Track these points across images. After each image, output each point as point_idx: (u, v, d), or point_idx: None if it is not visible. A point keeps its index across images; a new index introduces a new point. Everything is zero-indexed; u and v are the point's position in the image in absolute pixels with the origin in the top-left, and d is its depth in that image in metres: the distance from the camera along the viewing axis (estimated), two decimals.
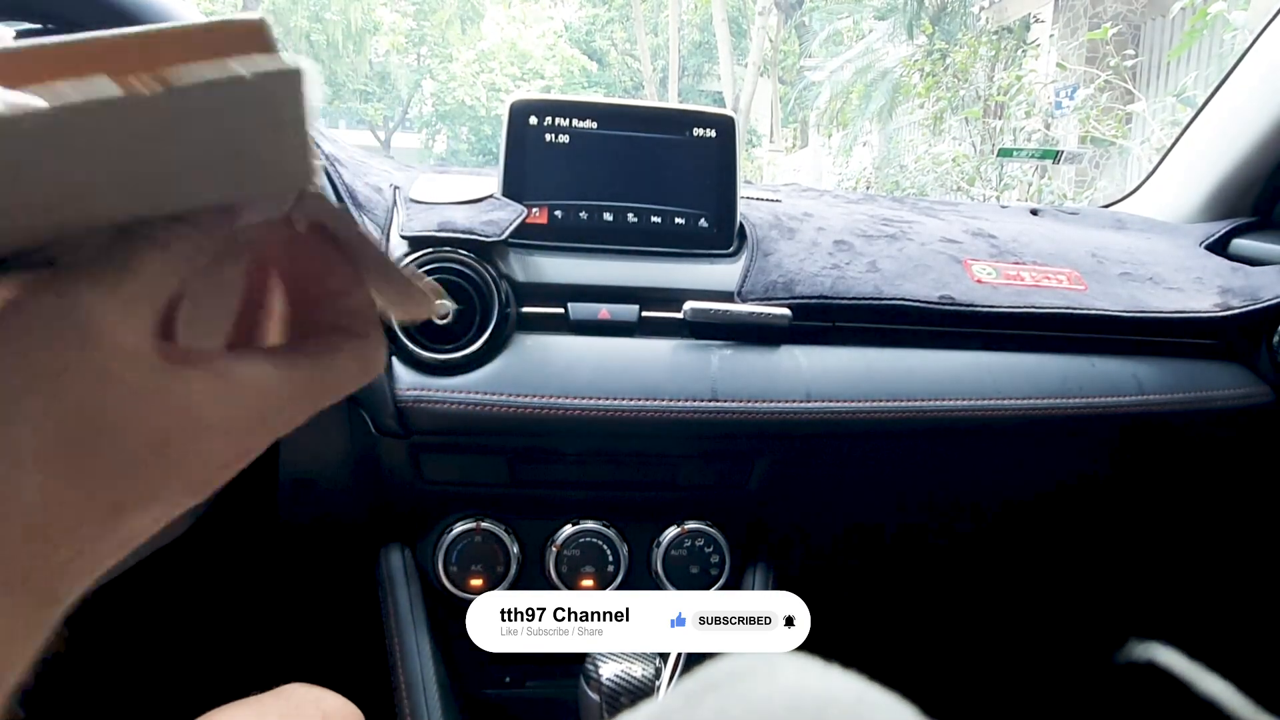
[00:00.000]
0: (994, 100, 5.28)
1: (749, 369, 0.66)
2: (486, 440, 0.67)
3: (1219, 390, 0.74)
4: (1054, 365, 0.72)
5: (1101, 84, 4.32)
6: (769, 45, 11.46)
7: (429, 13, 13.76)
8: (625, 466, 0.69)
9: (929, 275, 0.73)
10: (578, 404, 0.63)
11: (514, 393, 0.62)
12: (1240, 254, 0.90)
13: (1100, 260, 0.80)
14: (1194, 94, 3.16)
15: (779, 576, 0.72)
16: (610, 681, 0.59)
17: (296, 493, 0.69)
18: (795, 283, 0.70)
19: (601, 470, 0.69)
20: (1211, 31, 2.90)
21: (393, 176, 0.73)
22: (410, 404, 0.62)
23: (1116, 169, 4.53)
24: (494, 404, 0.62)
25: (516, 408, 0.62)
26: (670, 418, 0.63)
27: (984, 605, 0.87)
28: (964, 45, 5.68)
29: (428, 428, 0.64)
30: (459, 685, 0.69)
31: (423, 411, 0.62)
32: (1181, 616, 0.88)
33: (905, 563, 0.82)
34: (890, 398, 0.67)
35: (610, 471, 0.69)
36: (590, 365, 0.64)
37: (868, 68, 7.61)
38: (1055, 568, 0.85)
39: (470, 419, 0.62)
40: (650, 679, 0.60)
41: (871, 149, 8.27)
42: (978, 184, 4.79)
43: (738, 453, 0.69)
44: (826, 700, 0.21)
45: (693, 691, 0.22)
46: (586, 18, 15.13)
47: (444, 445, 0.67)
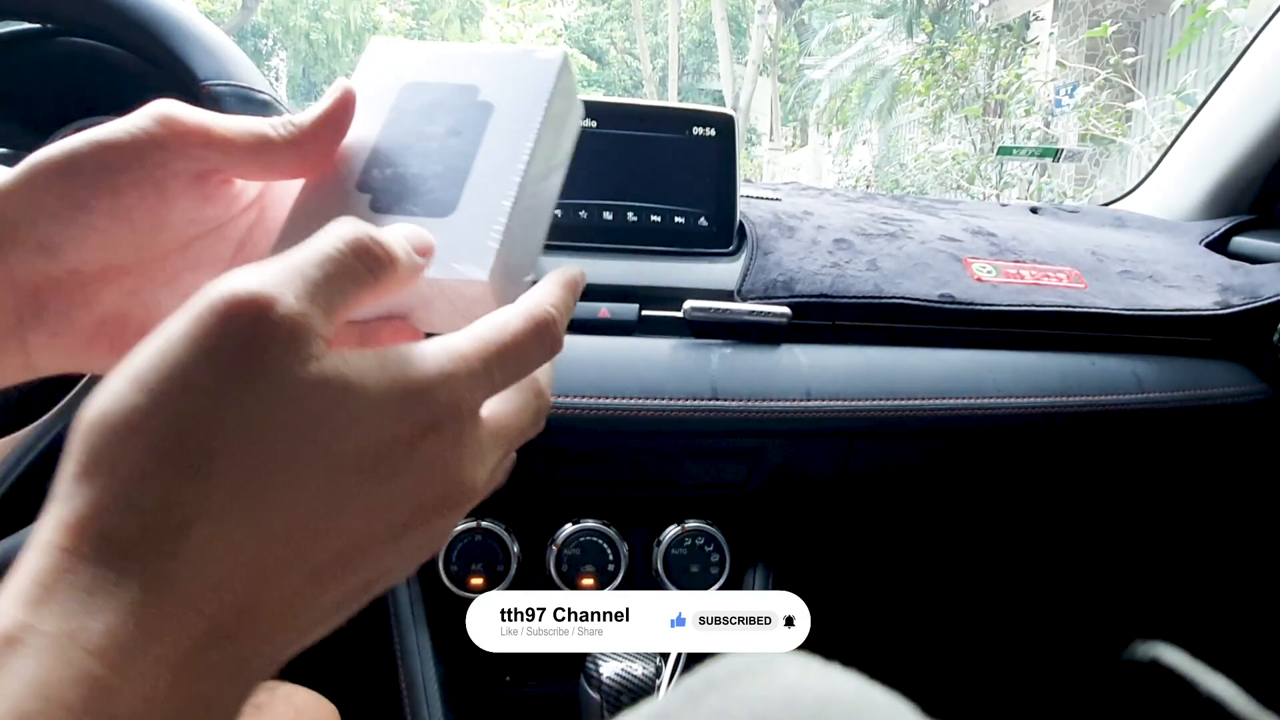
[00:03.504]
0: (994, 98, 5.28)
1: (749, 368, 0.66)
2: None
3: (1219, 388, 0.74)
4: (1054, 363, 0.72)
5: (1101, 82, 4.32)
6: (768, 44, 11.45)
7: (428, 12, 13.76)
8: (625, 465, 0.69)
9: (929, 274, 0.73)
10: (578, 403, 0.62)
11: None
12: (1240, 252, 0.90)
13: (1100, 258, 0.80)
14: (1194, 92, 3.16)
15: (779, 576, 0.72)
16: (611, 681, 0.59)
17: None
18: (795, 281, 0.70)
19: (601, 469, 0.69)
20: (1211, 29, 2.90)
21: None
22: None
23: (1116, 167, 4.52)
24: None
25: None
26: (670, 417, 0.63)
27: (985, 604, 0.87)
28: (964, 43, 5.68)
29: None
30: (459, 684, 0.69)
31: None
32: (1184, 615, 0.88)
33: (905, 562, 0.82)
34: (890, 396, 0.67)
35: (610, 470, 0.69)
36: (590, 364, 0.64)
37: (867, 66, 7.61)
38: (1056, 566, 0.85)
39: None
40: (651, 678, 0.60)
41: (871, 147, 8.27)
42: (977, 182, 4.79)
43: (738, 451, 0.69)
44: (826, 699, 0.21)
45: (693, 690, 0.22)
46: (586, 16, 15.12)
47: None
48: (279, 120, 0.28)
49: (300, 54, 12.90)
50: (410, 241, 0.26)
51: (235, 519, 0.20)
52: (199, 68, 0.53)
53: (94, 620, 0.18)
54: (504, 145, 0.30)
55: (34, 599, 0.18)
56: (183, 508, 0.19)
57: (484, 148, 0.30)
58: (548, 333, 0.26)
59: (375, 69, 0.33)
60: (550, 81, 0.32)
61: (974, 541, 0.81)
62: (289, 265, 0.22)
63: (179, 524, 0.19)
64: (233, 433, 0.20)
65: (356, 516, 0.22)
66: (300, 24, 12.48)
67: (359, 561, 0.22)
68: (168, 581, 0.19)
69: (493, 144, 0.30)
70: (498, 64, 0.33)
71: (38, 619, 0.18)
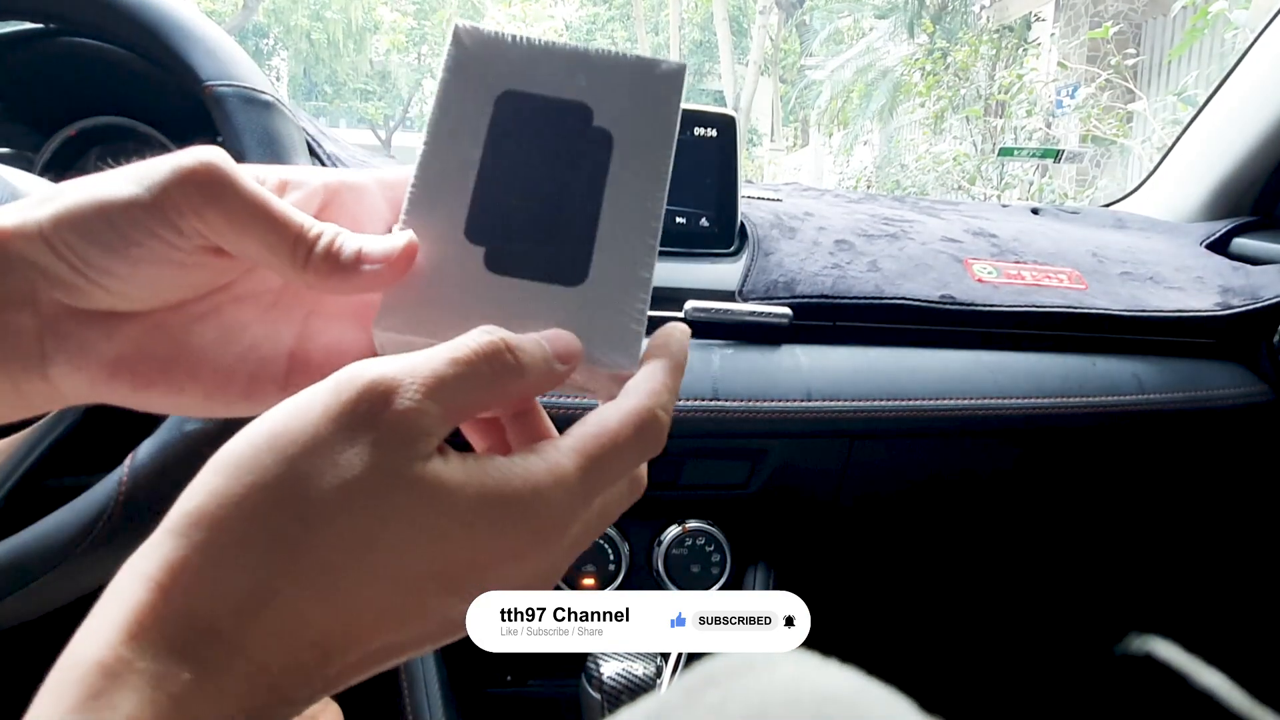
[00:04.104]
0: (995, 99, 5.28)
1: (750, 368, 0.66)
2: None
3: (1219, 389, 0.74)
4: (1055, 364, 0.72)
5: (1103, 83, 4.32)
6: (770, 44, 11.45)
7: (430, 11, 13.76)
8: None
9: (930, 274, 0.73)
10: (579, 403, 0.63)
11: None
12: (1241, 253, 0.90)
13: (1101, 259, 0.80)
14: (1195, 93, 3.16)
15: (780, 576, 0.72)
16: (612, 680, 0.59)
17: None
18: (796, 282, 0.70)
19: None
20: (1213, 30, 2.90)
21: None
22: None
23: (1117, 168, 4.52)
24: None
25: None
26: (671, 416, 0.63)
27: (984, 601, 0.87)
28: (965, 44, 5.68)
29: None
30: (460, 684, 0.69)
31: None
32: (1180, 612, 0.88)
33: (906, 562, 0.82)
34: (891, 397, 0.67)
35: None
36: None
37: (869, 67, 7.61)
38: (1055, 564, 0.85)
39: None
40: (651, 678, 0.60)
41: (872, 148, 8.27)
42: (978, 183, 4.79)
43: (739, 452, 0.69)
44: (825, 694, 0.21)
45: (692, 686, 0.22)
46: (587, 17, 15.13)
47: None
48: (321, 235, 0.26)
49: (301, 53, 12.92)
50: (554, 348, 0.25)
51: (313, 595, 0.20)
52: (201, 68, 0.53)
53: (180, 667, 0.19)
54: (632, 194, 0.27)
55: (131, 633, 0.19)
56: (271, 576, 0.20)
57: (610, 195, 0.27)
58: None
59: (464, 65, 0.28)
60: (676, 106, 0.28)
61: (974, 540, 0.81)
62: (428, 359, 0.23)
63: (269, 590, 0.20)
64: (332, 511, 0.21)
65: (420, 620, 0.23)
66: (301, 23, 12.49)
67: (409, 649, 0.23)
68: (249, 645, 0.20)
69: (619, 190, 0.27)
70: (609, 74, 0.28)
71: (135, 655, 0.19)
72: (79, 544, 0.45)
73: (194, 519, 0.20)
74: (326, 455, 0.21)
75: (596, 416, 0.25)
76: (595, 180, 0.27)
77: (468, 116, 0.28)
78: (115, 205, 0.24)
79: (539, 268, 0.26)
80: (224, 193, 0.24)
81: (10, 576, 0.45)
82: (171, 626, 0.19)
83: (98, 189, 0.25)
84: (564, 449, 0.24)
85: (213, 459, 0.21)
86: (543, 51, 0.29)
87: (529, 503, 0.23)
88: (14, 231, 0.24)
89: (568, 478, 0.23)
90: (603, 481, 0.24)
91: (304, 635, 0.21)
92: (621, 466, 0.25)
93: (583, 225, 0.27)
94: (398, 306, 0.26)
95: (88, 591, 0.48)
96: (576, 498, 0.24)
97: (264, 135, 0.53)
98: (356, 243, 0.26)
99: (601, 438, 0.24)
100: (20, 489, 0.49)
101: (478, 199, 0.27)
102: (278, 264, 0.25)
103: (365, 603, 0.21)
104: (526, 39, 0.29)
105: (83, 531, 0.45)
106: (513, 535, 0.23)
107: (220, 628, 0.20)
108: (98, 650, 0.19)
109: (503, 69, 0.28)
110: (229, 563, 0.20)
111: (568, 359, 0.25)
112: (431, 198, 0.27)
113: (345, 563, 0.21)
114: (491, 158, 0.27)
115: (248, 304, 0.29)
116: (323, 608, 0.21)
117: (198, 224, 0.24)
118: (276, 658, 0.20)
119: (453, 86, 0.28)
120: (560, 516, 0.23)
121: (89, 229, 0.24)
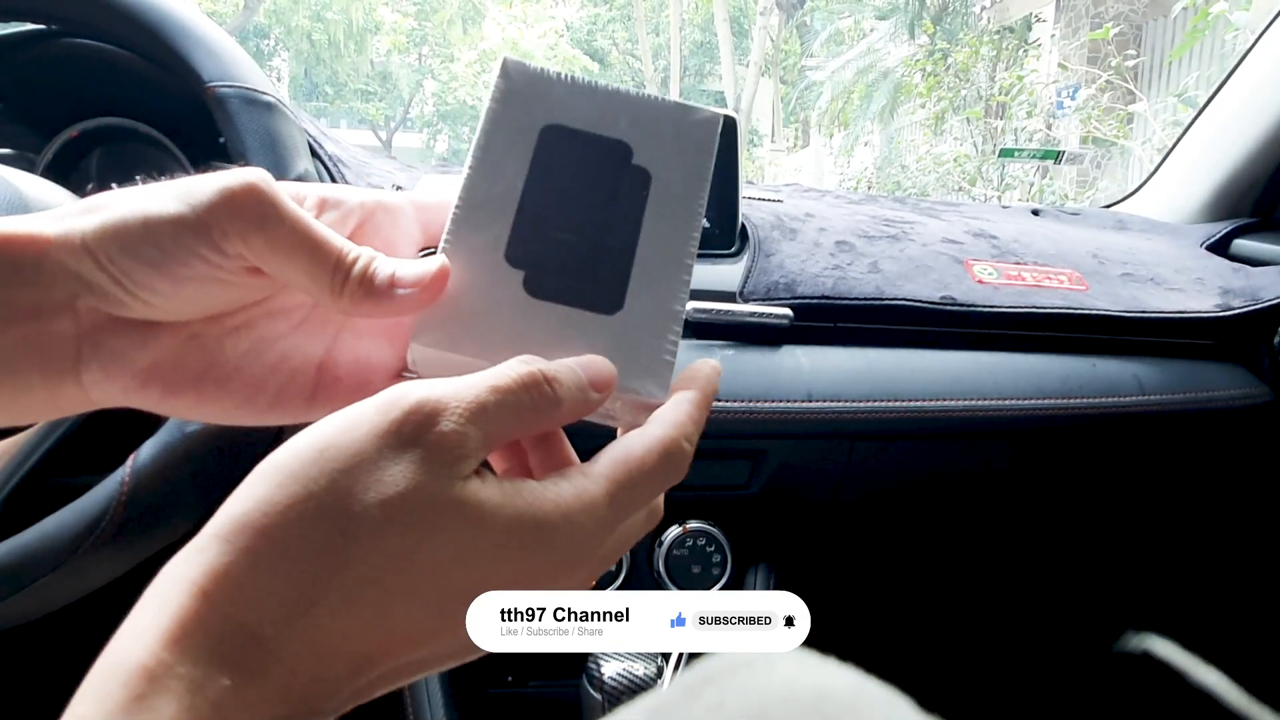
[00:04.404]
0: (995, 100, 5.28)
1: (751, 369, 0.66)
2: None
3: (1219, 390, 0.74)
4: (1055, 366, 0.72)
5: (1103, 84, 4.32)
6: (770, 45, 11.46)
7: (430, 12, 13.76)
8: None
9: (930, 276, 0.73)
10: None
11: None
12: (1241, 254, 0.90)
13: (1101, 261, 0.80)
14: (1195, 94, 3.15)
15: (781, 577, 0.72)
16: (613, 681, 0.59)
17: None
18: (797, 283, 0.70)
19: None
20: (1213, 32, 2.90)
21: (395, 177, 0.73)
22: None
23: (1118, 169, 4.52)
24: None
25: None
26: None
27: (984, 601, 0.87)
28: (965, 45, 5.68)
29: None
30: (461, 684, 0.69)
31: None
32: (1179, 612, 0.88)
33: (906, 562, 0.82)
34: (892, 398, 0.67)
35: None
36: None
37: (869, 67, 7.61)
38: (1054, 564, 0.85)
39: None
40: (652, 678, 0.60)
41: (873, 149, 8.27)
42: (979, 184, 4.79)
43: (740, 452, 0.69)
44: (823, 693, 0.21)
45: (691, 684, 0.22)
46: (588, 17, 15.13)
47: None
48: (357, 260, 0.26)
49: (302, 54, 12.92)
50: (589, 375, 0.26)
51: (352, 607, 0.21)
52: (203, 69, 0.53)
53: (220, 673, 0.19)
54: (668, 230, 0.28)
55: (174, 638, 0.19)
56: (312, 586, 0.21)
57: (646, 230, 0.28)
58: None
59: (510, 98, 0.29)
60: (712, 150, 0.30)
61: (974, 541, 0.82)
62: (471, 385, 0.23)
63: (309, 600, 0.20)
64: (373, 526, 0.21)
65: (447, 636, 0.23)
66: (302, 24, 12.49)
67: (431, 665, 0.24)
68: (284, 651, 0.20)
69: (655, 226, 0.28)
70: (651, 117, 0.30)
71: (176, 659, 0.19)
72: (81, 544, 0.45)
73: (239, 525, 0.21)
74: (371, 471, 0.21)
75: (624, 445, 0.25)
76: (633, 216, 0.28)
77: (512, 146, 0.29)
78: (161, 222, 0.24)
79: (576, 294, 0.27)
80: (268, 218, 0.25)
81: (13, 576, 0.45)
82: (214, 633, 0.20)
83: (143, 204, 0.25)
84: (593, 476, 0.24)
85: (259, 468, 0.22)
86: (586, 90, 0.30)
87: (559, 527, 0.23)
88: (58, 241, 0.24)
89: (596, 504, 0.24)
90: (628, 508, 0.25)
91: (340, 646, 0.21)
92: (646, 494, 0.25)
93: (620, 257, 0.28)
94: (436, 323, 0.27)
95: (89, 591, 0.48)
96: (604, 523, 0.24)
97: (265, 136, 0.53)
98: (390, 267, 0.26)
99: (629, 464, 0.25)
100: (23, 488, 0.49)
101: (519, 224, 0.28)
102: (317, 290, 0.26)
103: (400, 617, 0.22)
104: (571, 77, 0.30)
105: (85, 531, 0.45)
106: (542, 558, 0.23)
107: (261, 635, 0.20)
108: (140, 654, 0.19)
109: (548, 104, 0.29)
110: (272, 571, 0.20)
111: (602, 387, 0.26)
112: (474, 219, 0.28)
113: (384, 577, 0.21)
114: (534, 186, 0.28)
115: (281, 318, 0.29)
116: (360, 620, 0.21)
117: (241, 248, 0.25)
118: (311, 667, 0.20)
119: (499, 117, 0.29)
120: (587, 541, 0.24)
121: (133, 245, 0.24)
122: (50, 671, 0.54)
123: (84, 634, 0.66)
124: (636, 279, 0.28)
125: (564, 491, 0.24)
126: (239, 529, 0.21)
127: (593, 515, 0.24)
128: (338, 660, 0.21)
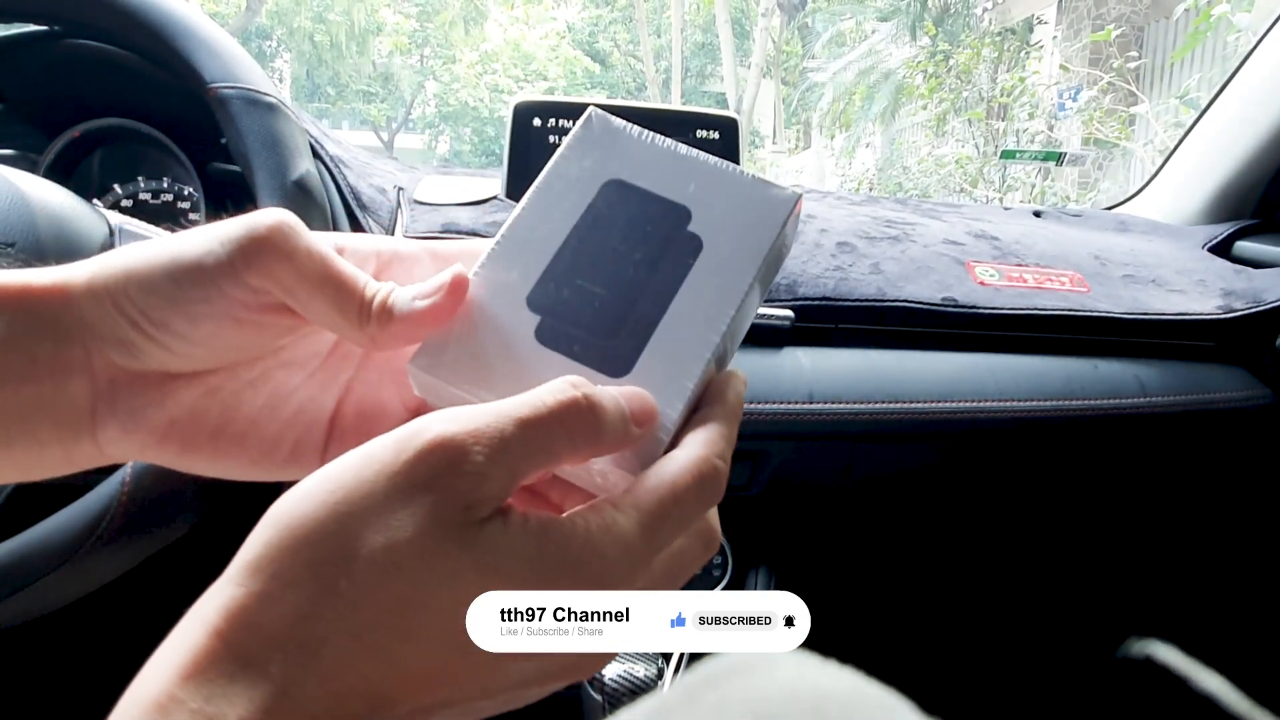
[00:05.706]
0: (997, 102, 5.28)
1: (752, 370, 0.66)
2: None
3: (1221, 392, 0.74)
4: (1056, 367, 0.72)
5: (1105, 86, 4.32)
6: (772, 46, 11.46)
7: (432, 14, 13.78)
8: None
9: (932, 277, 0.73)
10: None
11: None
12: (1243, 256, 0.90)
13: (1103, 262, 0.80)
14: (1197, 96, 3.15)
15: (781, 578, 0.72)
16: (613, 682, 0.59)
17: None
18: (798, 284, 0.70)
19: None
20: (1215, 33, 2.90)
21: (397, 178, 0.74)
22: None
23: (1119, 171, 4.52)
24: None
25: None
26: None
27: (985, 604, 0.87)
28: (967, 47, 5.68)
29: None
30: None
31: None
32: (1181, 615, 0.88)
33: (907, 563, 0.82)
34: (893, 399, 0.67)
35: None
36: None
37: (870, 69, 7.61)
38: (1055, 567, 0.85)
39: None
40: (653, 679, 0.60)
41: (874, 150, 8.27)
42: (980, 186, 4.79)
43: (740, 453, 0.69)
44: (824, 694, 0.21)
45: (692, 686, 0.22)
46: (589, 19, 15.14)
47: None
48: (375, 292, 0.26)
49: (304, 56, 12.93)
50: (630, 406, 0.25)
51: (362, 647, 0.21)
52: (205, 70, 0.53)
53: (230, 709, 0.19)
54: (704, 302, 0.27)
55: (185, 674, 0.20)
56: (319, 624, 0.20)
57: (680, 298, 0.27)
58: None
59: (584, 146, 0.29)
60: (776, 229, 0.28)
61: (975, 543, 0.81)
62: (496, 418, 0.22)
63: (318, 639, 0.20)
64: (379, 571, 0.21)
65: (475, 679, 0.22)
66: (304, 25, 12.51)
67: (481, 706, 0.23)
68: (296, 690, 0.20)
69: (691, 296, 0.27)
70: (721, 185, 0.28)
71: (188, 695, 0.19)
72: (82, 543, 0.45)
73: (250, 568, 0.21)
74: (380, 515, 0.21)
75: (654, 471, 0.24)
76: (672, 282, 0.27)
77: (569, 194, 0.28)
78: (186, 259, 0.25)
79: (585, 350, 0.26)
80: (296, 251, 0.25)
81: (13, 576, 0.45)
82: (224, 668, 0.20)
83: (171, 245, 0.25)
84: (622, 506, 0.23)
85: (269, 512, 0.22)
86: (664, 152, 0.29)
87: (587, 563, 0.22)
88: (81, 289, 0.25)
89: (628, 537, 0.23)
90: (664, 537, 0.24)
91: (353, 684, 0.21)
92: (683, 520, 0.24)
93: (645, 321, 0.27)
94: (438, 350, 0.26)
95: (90, 591, 0.48)
96: (638, 557, 0.23)
97: (267, 137, 0.53)
98: (409, 292, 0.26)
99: (660, 491, 0.24)
100: (23, 489, 0.49)
101: (551, 269, 0.27)
102: (342, 322, 0.26)
103: (413, 659, 0.21)
104: (654, 137, 0.29)
105: (85, 532, 0.45)
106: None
107: (270, 672, 0.20)
108: (155, 690, 0.19)
109: (620, 159, 0.29)
110: (279, 608, 0.20)
111: (643, 421, 0.25)
112: (509, 256, 0.27)
113: (393, 620, 0.21)
114: (578, 235, 0.28)
115: (295, 369, 0.30)
116: (372, 661, 0.21)
117: (269, 282, 0.25)
118: (323, 704, 0.20)
119: (566, 162, 0.29)
120: (620, 578, 0.23)
121: (155, 283, 0.25)
122: (50, 671, 0.54)
123: (84, 634, 0.66)
124: (654, 346, 0.26)
125: (593, 526, 0.23)
126: (252, 571, 0.21)
127: (624, 548, 0.23)
128: (353, 699, 0.21)
